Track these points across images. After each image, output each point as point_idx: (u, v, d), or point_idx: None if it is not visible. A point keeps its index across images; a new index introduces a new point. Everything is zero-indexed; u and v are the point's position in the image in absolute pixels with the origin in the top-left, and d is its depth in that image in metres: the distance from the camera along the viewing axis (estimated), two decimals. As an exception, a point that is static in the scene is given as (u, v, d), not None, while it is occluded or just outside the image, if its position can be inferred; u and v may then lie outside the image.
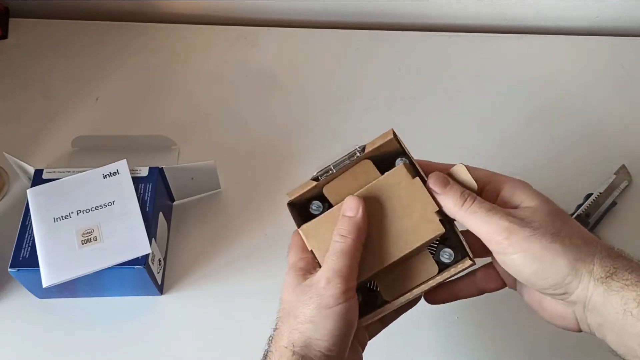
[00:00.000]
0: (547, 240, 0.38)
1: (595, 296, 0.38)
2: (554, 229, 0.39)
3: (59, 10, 0.85)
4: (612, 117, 0.73)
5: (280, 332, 0.42)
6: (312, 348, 0.40)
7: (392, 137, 0.44)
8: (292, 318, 0.41)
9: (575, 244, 0.39)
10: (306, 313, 0.40)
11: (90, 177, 0.58)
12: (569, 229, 0.40)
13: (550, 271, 0.39)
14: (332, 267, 0.41)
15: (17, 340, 0.57)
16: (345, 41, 0.82)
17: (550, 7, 0.81)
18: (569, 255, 0.38)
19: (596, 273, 0.38)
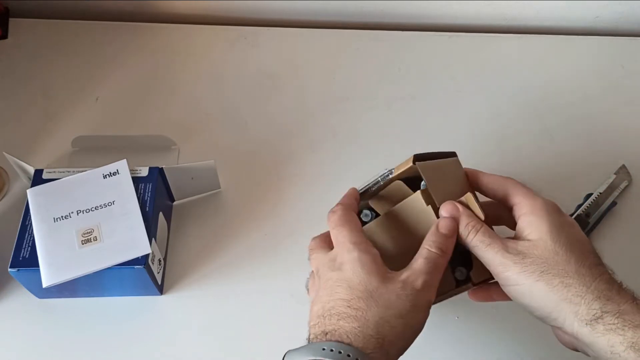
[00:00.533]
0: (534, 279, 0.41)
1: (582, 335, 0.40)
2: (545, 267, 0.41)
3: (59, 10, 0.85)
4: (612, 117, 0.73)
5: (365, 316, 0.40)
6: (394, 345, 0.40)
7: (411, 165, 0.47)
8: (382, 307, 0.41)
9: (566, 283, 0.41)
10: (400, 307, 0.41)
11: (90, 177, 0.58)
12: (567, 266, 0.41)
13: (535, 307, 0.42)
14: (428, 273, 0.42)
15: (17, 340, 0.57)
16: (345, 41, 0.82)
17: (550, 7, 0.81)
18: (553, 295, 0.41)
19: (581, 314, 0.40)
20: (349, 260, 0.43)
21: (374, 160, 0.69)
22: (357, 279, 0.42)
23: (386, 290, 0.41)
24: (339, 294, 0.42)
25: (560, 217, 0.44)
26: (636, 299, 0.40)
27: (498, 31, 0.83)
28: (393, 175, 0.49)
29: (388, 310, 0.40)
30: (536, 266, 0.41)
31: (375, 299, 0.41)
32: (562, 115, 0.73)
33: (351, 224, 0.45)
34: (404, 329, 0.41)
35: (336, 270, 0.43)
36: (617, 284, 0.41)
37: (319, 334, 0.41)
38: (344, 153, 0.70)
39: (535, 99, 0.75)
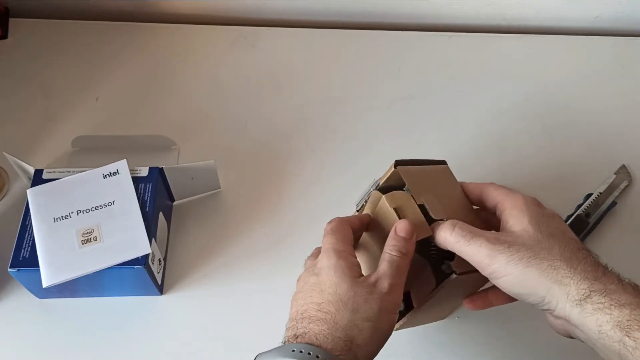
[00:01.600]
0: (523, 265, 0.42)
1: (573, 317, 0.41)
2: (532, 253, 0.42)
3: (59, 10, 0.85)
4: (612, 117, 0.73)
5: (334, 319, 0.41)
6: (363, 348, 0.41)
7: (394, 170, 0.48)
8: (349, 310, 0.42)
9: (554, 266, 0.41)
10: (367, 311, 0.42)
11: (90, 177, 0.58)
12: (550, 249, 0.42)
13: (528, 293, 0.42)
14: (391, 276, 0.43)
15: (17, 340, 0.57)
16: (345, 41, 0.82)
17: (550, 7, 0.81)
18: (544, 278, 0.41)
19: (572, 296, 0.41)
20: (327, 265, 0.44)
21: (373, 161, 0.69)
22: (328, 283, 0.43)
23: (354, 294, 0.42)
24: (312, 297, 0.43)
25: (540, 210, 0.45)
26: (622, 280, 0.41)
27: (498, 31, 0.83)
28: (381, 184, 0.49)
29: (356, 314, 0.41)
30: (523, 253, 0.42)
31: (344, 303, 0.42)
32: (562, 115, 0.73)
33: (340, 233, 0.46)
34: (372, 332, 0.41)
35: (314, 275, 0.45)
36: (602, 267, 0.42)
37: (291, 337, 0.42)
38: (344, 153, 0.70)
39: (535, 99, 0.75)
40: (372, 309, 0.42)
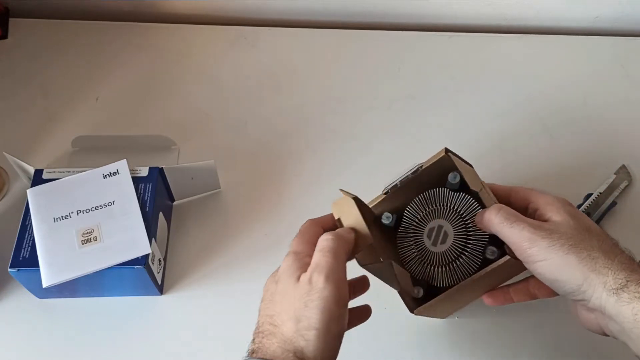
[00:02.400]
0: (563, 252, 0.42)
1: (609, 306, 0.41)
2: (573, 242, 0.43)
3: (59, 10, 0.85)
4: (612, 117, 0.73)
5: (281, 331, 0.41)
6: (316, 357, 0.40)
7: (444, 154, 0.51)
8: (293, 321, 0.40)
9: (592, 255, 0.42)
10: (310, 318, 0.40)
11: (90, 177, 0.58)
12: (589, 240, 0.43)
13: (566, 280, 0.43)
14: (325, 267, 0.41)
15: (17, 340, 0.57)
16: (345, 41, 0.82)
17: (550, 7, 0.81)
18: (583, 266, 0.42)
19: (609, 285, 0.41)
20: (282, 270, 0.43)
21: (373, 160, 0.69)
22: (281, 291, 0.42)
23: (295, 299, 0.41)
24: (267, 309, 0.43)
25: (575, 209, 0.47)
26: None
27: (498, 31, 0.83)
28: (424, 167, 0.51)
29: (299, 323, 0.40)
30: (564, 240, 0.43)
31: (288, 312, 0.41)
32: (562, 115, 0.73)
33: (306, 234, 0.46)
34: (320, 340, 0.40)
35: (274, 282, 0.44)
36: (637, 261, 0.43)
37: (250, 352, 0.42)
38: (344, 153, 0.70)
39: (535, 99, 0.75)
40: (314, 315, 0.40)
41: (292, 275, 0.42)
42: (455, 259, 0.50)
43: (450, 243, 0.51)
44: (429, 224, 0.52)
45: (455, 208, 0.52)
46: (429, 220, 0.52)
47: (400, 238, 0.53)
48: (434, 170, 0.52)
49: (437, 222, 0.52)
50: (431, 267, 0.51)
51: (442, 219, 0.52)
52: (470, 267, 0.49)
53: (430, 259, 0.51)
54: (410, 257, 0.52)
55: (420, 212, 0.53)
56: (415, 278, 0.51)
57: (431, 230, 0.52)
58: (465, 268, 0.50)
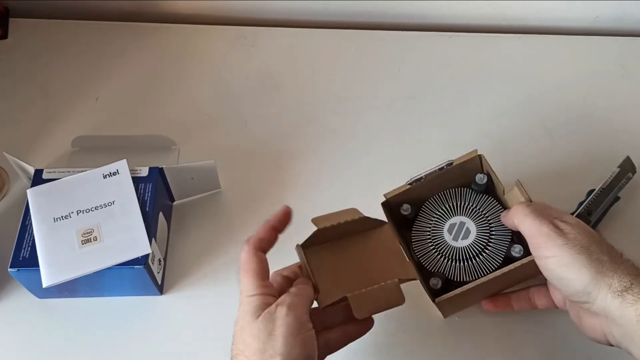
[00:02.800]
0: (575, 251, 0.44)
1: (613, 308, 0.43)
2: (585, 244, 0.45)
3: (59, 10, 0.85)
4: (612, 117, 0.73)
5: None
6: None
7: (476, 155, 0.54)
8: (258, 353, 0.42)
9: (600, 259, 0.44)
10: (274, 345, 0.42)
11: (90, 177, 0.58)
12: (599, 247, 0.45)
13: (574, 278, 0.44)
14: (288, 302, 0.44)
15: (17, 340, 0.57)
16: (345, 41, 0.82)
17: (550, 7, 0.81)
18: (591, 267, 0.44)
19: (614, 287, 0.43)
20: (239, 314, 0.46)
21: (373, 160, 0.69)
22: (239, 329, 0.45)
23: (258, 332, 0.43)
24: (235, 344, 0.45)
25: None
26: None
27: (498, 31, 0.83)
28: (452, 165, 0.54)
29: (265, 353, 0.42)
30: (578, 241, 0.45)
31: (251, 346, 0.43)
32: (562, 115, 0.73)
33: (249, 270, 0.47)
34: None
35: (237, 322, 0.46)
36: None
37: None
38: (344, 153, 0.70)
39: (535, 99, 0.75)
40: (278, 341, 0.42)
41: (251, 315, 0.44)
42: (476, 255, 0.52)
43: (473, 239, 0.53)
44: (451, 219, 0.54)
45: (478, 208, 0.54)
46: (450, 216, 0.54)
47: (417, 230, 0.55)
48: (460, 170, 0.55)
49: (459, 219, 0.54)
50: (450, 261, 0.53)
51: (465, 216, 0.54)
52: (491, 264, 0.51)
53: (450, 253, 0.53)
54: (425, 250, 0.54)
55: (442, 207, 0.55)
56: (428, 270, 0.53)
57: (452, 225, 0.54)
58: (486, 265, 0.52)
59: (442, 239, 0.54)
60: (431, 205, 0.56)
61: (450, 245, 0.53)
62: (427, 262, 0.53)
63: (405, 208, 0.55)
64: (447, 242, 0.53)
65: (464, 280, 0.51)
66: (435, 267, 0.53)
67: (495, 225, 0.53)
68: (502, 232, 0.53)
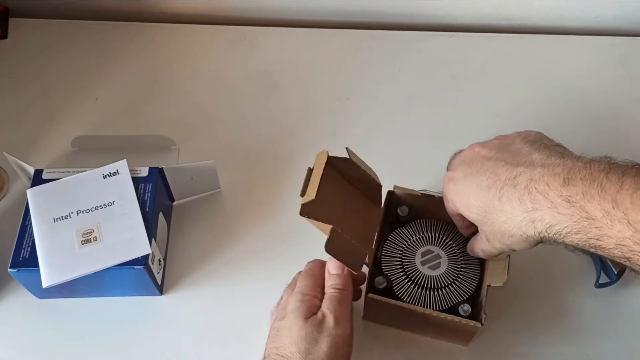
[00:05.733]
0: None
1: None
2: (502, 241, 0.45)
3: (59, 10, 0.85)
4: (612, 117, 0.73)
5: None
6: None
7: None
8: (302, 354, 0.43)
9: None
10: (318, 351, 0.44)
11: (90, 177, 0.58)
12: (504, 231, 0.43)
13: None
14: (334, 310, 0.46)
15: (17, 340, 0.57)
16: (345, 41, 0.82)
17: (550, 7, 0.81)
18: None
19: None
20: (290, 309, 0.47)
21: (373, 160, 0.69)
22: (287, 326, 0.45)
23: (306, 334, 0.44)
24: (274, 342, 0.46)
25: (457, 190, 0.46)
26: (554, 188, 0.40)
27: (498, 31, 0.83)
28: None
29: (308, 355, 0.43)
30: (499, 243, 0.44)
31: (297, 345, 0.44)
32: (562, 115, 0.73)
33: (311, 277, 0.49)
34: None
35: (281, 319, 0.47)
36: (529, 184, 0.41)
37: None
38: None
39: (535, 99, 0.75)
40: (322, 349, 0.44)
41: (301, 315, 0.46)
42: (436, 288, 0.52)
43: (441, 272, 0.53)
44: (426, 247, 0.54)
45: (454, 244, 0.54)
46: (423, 244, 0.54)
47: (392, 241, 0.55)
48: None
49: (435, 249, 0.54)
50: (411, 283, 0.52)
51: (440, 248, 0.54)
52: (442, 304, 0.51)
53: (414, 276, 0.53)
54: (391, 260, 0.54)
55: (423, 233, 0.55)
56: (384, 274, 0.53)
57: (425, 252, 0.54)
58: (436, 301, 0.51)
59: (413, 264, 0.53)
60: (417, 225, 0.56)
61: (417, 269, 0.53)
62: (387, 269, 0.53)
63: (403, 209, 0.56)
64: (417, 267, 0.53)
65: (406, 301, 0.51)
66: (399, 289, 0.52)
67: (466, 264, 0.53)
68: (470, 274, 0.53)
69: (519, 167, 0.41)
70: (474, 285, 0.52)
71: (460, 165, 0.46)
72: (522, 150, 0.43)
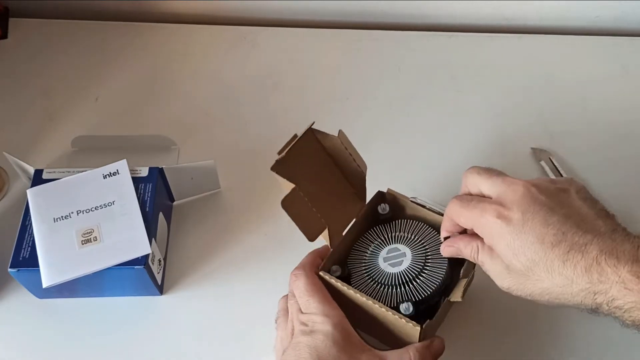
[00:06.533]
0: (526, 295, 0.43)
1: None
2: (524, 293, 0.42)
3: (59, 10, 0.85)
4: (612, 117, 0.73)
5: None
6: None
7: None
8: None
9: (548, 292, 0.41)
10: None
11: (90, 177, 0.58)
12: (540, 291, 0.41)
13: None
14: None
15: (17, 340, 0.57)
16: (345, 41, 0.82)
17: (550, 7, 0.81)
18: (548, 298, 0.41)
19: (584, 306, 0.40)
20: (322, 331, 0.45)
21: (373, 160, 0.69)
22: (326, 352, 0.44)
23: None
24: (305, 359, 0.44)
25: (511, 232, 0.41)
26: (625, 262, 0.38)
27: (498, 31, 0.83)
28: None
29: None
30: (520, 292, 0.42)
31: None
32: (562, 115, 0.73)
33: (319, 293, 0.48)
34: None
35: (307, 335, 0.46)
36: (598, 256, 0.39)
37: None
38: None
39: (535, 99, 0.75)
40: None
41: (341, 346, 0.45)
42: (399, 284, 0.50)
43: (402, 269, 0.51)
44: (392, 245, 0.53)
45: (416, 238, 0.53)
46: (393, 242, 0.53)
47: (362, 241, 0.54)
48: None
49: (401, 247, 0.53)
50: (369, 279, 0.51)
51: (403, 244, 0.53)
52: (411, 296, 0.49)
53: (374, 273, 0.51)
54: (356, 259, 0.53)
55: (390, 233, 0.54)
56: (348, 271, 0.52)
57: (392, 250, 0.53)
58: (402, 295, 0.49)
59: (376, 256, 0.52)
60: (396, 224, 0.55)
61: (377, 263, 0.52)
62: (351, 259, 0.53)
63: (383, 207, 0.55)
64: (378, 259, 0.52)
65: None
66: (353, 265, 0.52)
67: (431, 266, 0.51)
68: (430, 279, 0.50)
69: (588, 235, 0.39)
70: (427, 291, 0.49)
71: (515, 205, 0.42)
72: (582, 210, 0.41)
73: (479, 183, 0.45)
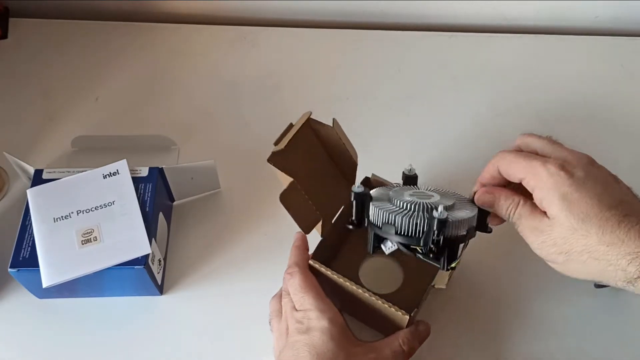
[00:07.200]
0: (562, 259, 0.42)
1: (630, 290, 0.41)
2: (567, 248, 0.41)
3: (59, 10, 0.85)
4: (612, 117, 0.73)
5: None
6: None
7: None
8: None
9: (594, 256, 0.41)
10: None
11: (90, 177, 0.58)
12: (586, 241, 0.41)
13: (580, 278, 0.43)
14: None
15: (17, 340, 0.57)
16: (345, 41, 0.82)
17: (550, 7, 0.81)
18: (588, 268, 0.41)
19: (620, 280, 0.41)
20: (318, 327, 0.46)
21: (373, 160, 0.69)
22: (324, 348, 0.44)
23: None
24: (303, 358, 0.44)
25: (571, 182, 0.42)
26: None
27: (498, 31, 0.83)
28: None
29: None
30: (558, 247, 0.42)
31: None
32: (562, 115, 0.73)
33: (314, 290, 0.49)
34: None
35: (303, 333, 0.46)
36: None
37: None
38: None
39: (535, 99, 0.75)
40: None
41: (338, 342, 0.46)
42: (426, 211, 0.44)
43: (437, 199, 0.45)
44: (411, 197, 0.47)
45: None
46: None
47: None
48: None
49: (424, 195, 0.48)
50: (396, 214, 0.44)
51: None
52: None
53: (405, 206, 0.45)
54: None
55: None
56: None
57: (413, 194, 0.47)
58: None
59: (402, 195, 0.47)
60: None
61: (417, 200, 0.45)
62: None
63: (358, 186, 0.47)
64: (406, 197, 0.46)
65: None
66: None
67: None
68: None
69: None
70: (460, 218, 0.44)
71: (580, 166, 0.42)
72: (623, 188, 0.44)
73: (539, 145, 0.46)
